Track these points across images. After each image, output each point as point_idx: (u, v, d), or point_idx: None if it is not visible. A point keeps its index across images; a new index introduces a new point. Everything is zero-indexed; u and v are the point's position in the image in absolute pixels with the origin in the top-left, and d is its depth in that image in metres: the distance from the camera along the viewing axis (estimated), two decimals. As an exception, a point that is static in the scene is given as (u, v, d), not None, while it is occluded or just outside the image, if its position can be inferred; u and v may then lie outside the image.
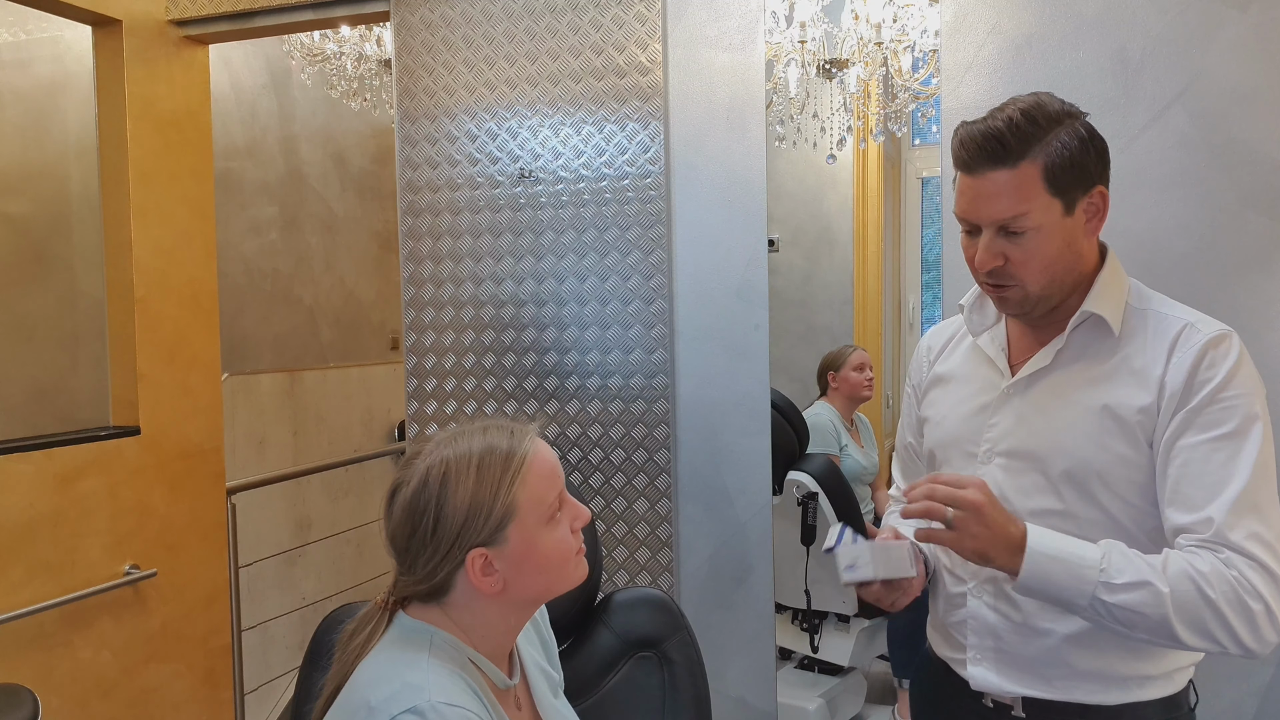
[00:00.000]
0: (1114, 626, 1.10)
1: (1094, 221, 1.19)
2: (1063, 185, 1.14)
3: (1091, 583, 1.08)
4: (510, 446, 1.04)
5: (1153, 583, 1.07)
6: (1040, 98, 1.17)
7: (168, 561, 2.46)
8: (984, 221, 1.17)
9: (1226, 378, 1.12)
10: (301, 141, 3.82)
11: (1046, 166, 1.13)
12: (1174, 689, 1.22)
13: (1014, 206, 1.14)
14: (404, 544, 1.04)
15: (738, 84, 2.03)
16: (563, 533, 1.06)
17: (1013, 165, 1.13)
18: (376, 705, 0.94)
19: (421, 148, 2.25)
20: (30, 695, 1.75)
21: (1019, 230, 1.15)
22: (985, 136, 1.14)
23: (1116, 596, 1.07)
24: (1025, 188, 1.14)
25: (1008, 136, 1.13)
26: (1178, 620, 1.06)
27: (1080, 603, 1.09)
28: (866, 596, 1.28)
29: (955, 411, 1.32)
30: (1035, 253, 1.16)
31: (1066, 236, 1.17)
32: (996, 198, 1.15)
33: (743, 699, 2.09)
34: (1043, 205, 1.14)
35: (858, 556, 1.24)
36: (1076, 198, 1.16)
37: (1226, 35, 1.70)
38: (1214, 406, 1.12)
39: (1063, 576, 1.09)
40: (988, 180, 1.15)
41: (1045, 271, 1.17)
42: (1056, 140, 1.13)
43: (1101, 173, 1.18)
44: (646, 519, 2.11)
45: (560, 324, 2.16)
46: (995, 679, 1.25)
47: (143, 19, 2.43)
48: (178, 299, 2.51)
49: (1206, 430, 1.12)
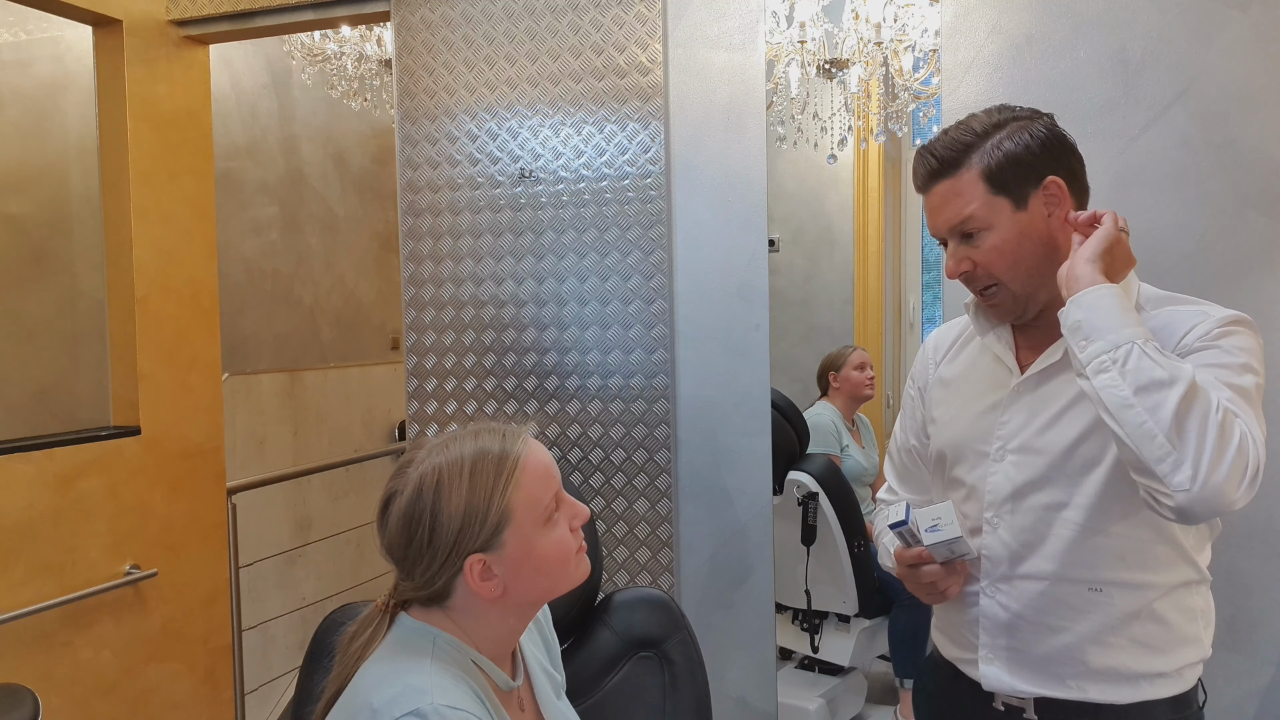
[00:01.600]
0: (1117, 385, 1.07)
1: (1057, 211, 1.22)
2: (1005, 183, 1.20)
3: (1142, 334, 1.08)
4: (502, 449, 1.03)
5: (1189, 367, 1.07)
6: (989, 110, 1.25)
7: (168, 561, 2.46)
8: (941, 231, 1.26)
9: (1234, 340, 1.15)
10: (302, 141, 3.82)
11: (984, 169, 1.20)
12: (1184, 687, 1.22)
13: (958, 211, 1.22)
14: (401, 554, 1.03)
15: (738, 84, 2.03)
16: (561, 533, 1.06)
17: (950, 175, 1.23)
18: (379, 707, 0.94)
19: (422, 148, 2.25)
20: (30, 695, 1.76)
21: (971, 232, 1.22)
22: (923, 157, 1.25)
23: (1156, 354, 1.07)
24: (965, 192, 1.21)
25: (941, 152, 1.23)
26: (1183, 399, 1.04)
27: (1114, 338, 1.08)
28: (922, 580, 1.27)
29: (965, 411, 1.33)
30: (994, 251, 1.21)
31: (1024, 230, 1.21)
32: (943, 207, 1.24)
33: (743, 699, 2.09)
34: (987, 205, 1.21)
35: (939, 515, 1.23)
36: (1027, 193, 1.21)
37: (1227, 35, 1.70)
38: (1215, 350, 1.14)
39: (1125, 314, 1.09)
40: (934, 194, 1.25)
41: (1014, 267, 1.22)
42: (993, 145, 1.21)
43: (1055, 166, 1.22)
44: (647, 519, 2.11)
45: (560, 324, 2.16)
46: (1007, 678, 1.25)
47: (143, 19, 2.43)
48: (178, 299, 2.51)
49: (1212, 360, 1.13)
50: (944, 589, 1.28)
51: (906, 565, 1.28)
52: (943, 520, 1.23)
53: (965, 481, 1.31)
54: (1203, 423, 1.04)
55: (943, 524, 1.22)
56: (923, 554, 1.26)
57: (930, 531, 1.23)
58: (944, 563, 1.26)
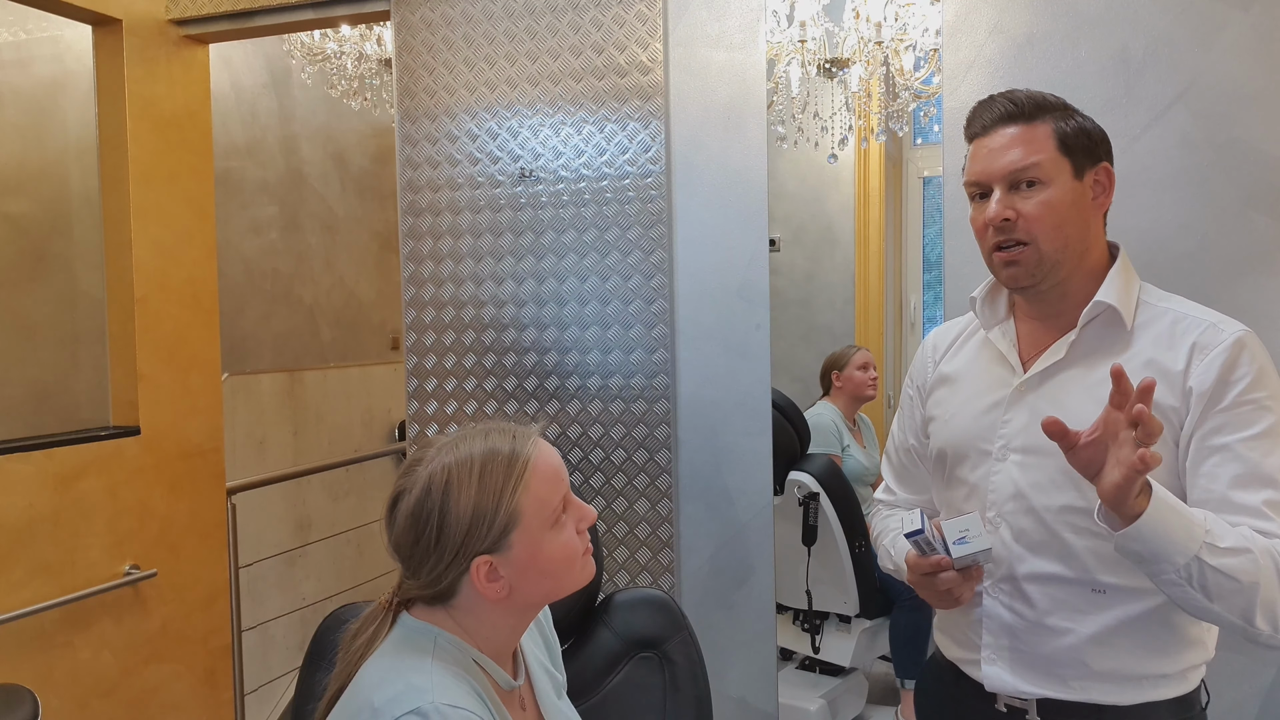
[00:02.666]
0: (1194, 596, 1.06)
1: (1101, 198, 1.23)
2: (1073, 149, 1.21)
3: (1198, 541, 1.05)
4: (512, 450, 1.03)
5: (1253, 551, 1.06)
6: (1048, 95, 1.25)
7: (168, 562, 2.46)
8: (996, 176, 1.21)
9: (1257, 378, 1.14)
10: (302, 141, 3.82)
11: (1057, 129, 1.21)
12: (1187, 689, 1.22)
13: (1027, 156, 1.20)
14: (408, 552, 1.03)
15: (739, 83, 2.03)
16: (568, 535, 1.05)
17: (1027, 122, 1.21)
18: (380, 706, 0.94)
19: (422, 147, 2.25)
20: (30, 695, 1.75)
21: (1031, 181, 1.20)
22: (1000, 101, 1.23)
23: (1219, 559, 1.05)
24: (1038, 141, 1.20)
25: (1023, 100, 1.22)
26: (1263, 597, 1.05)
27: (1179, 560, 1.05)
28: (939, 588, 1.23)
29: (966, 409, 1.31)
30: (1046, 206, 1.19)
31: (1075, 199, 1.21)
32: (1009, 149, 1.21)
33: (744, 699, 2.09)
34: (1053, 160, 1.20)
35: (968, 527, 1.20)
36: (1085, 166, 1.21)
37: (1228, 35, 1.69)
38: (1246, 406, 1.13)
39: (1178, 529, 1.05)
40: (1001, 134, 1.22)
41: (1057, 230, 1.20)
42: (1068, 114, 1.22)
43: (1107, 153, 1.24)
44: (647, 519, 2.11)
45: (561, 324, 2.16)
46: (1010, 679, 1.25)
47: (143, 18, 2.42)
48: (178, 299, 2.51)
49: (1241, 429, 1.12)
50: (959, 595, 1.25)
51: (921, 574, 1.24)
52: (971, 532, 1.20)
53: (967, 481, 1.30)
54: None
55: (971, 535, 1.19)
56: (941, 562, 1.21)
57: (959, 544, 1.20)
58: (961, 569, 1.24)
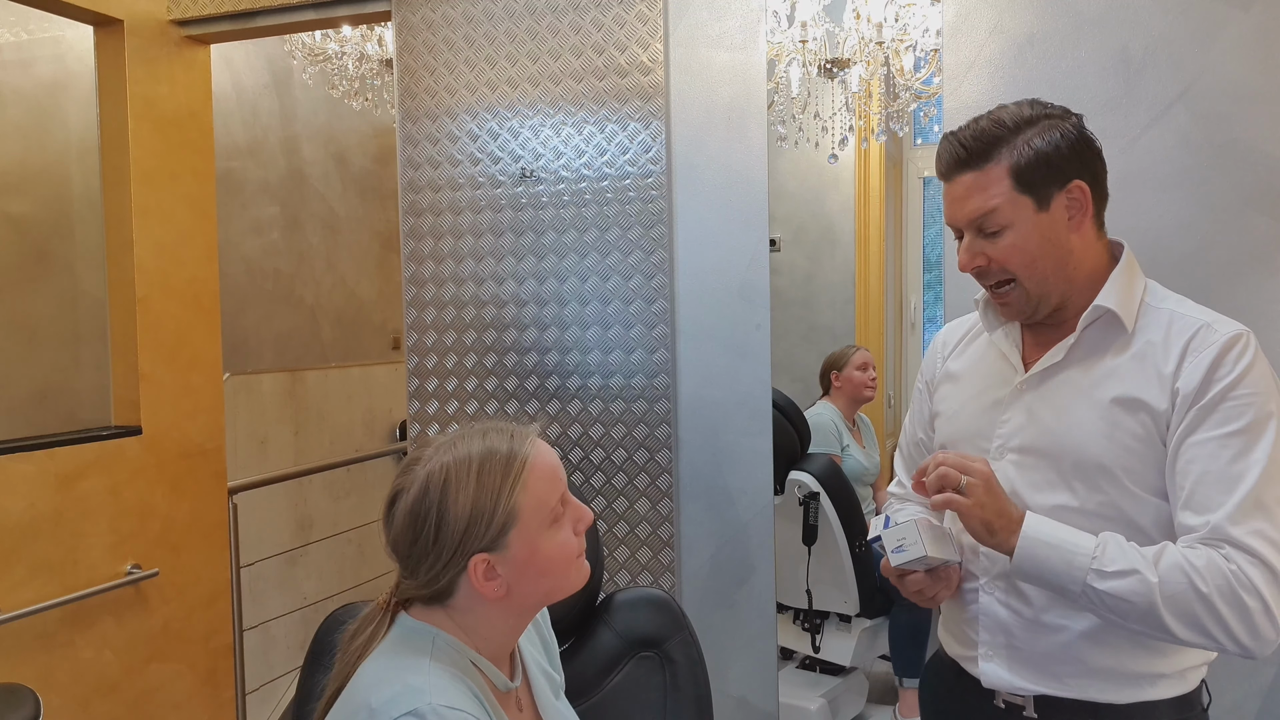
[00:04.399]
0: (1107, 616, 1.12)
1: (1078, 218, 1.21)
2: (1031, 182, 1.18)
3: (1083, 569, 1.10)
4: (510, 450, 1.03)
5: (1141, 571, 1.09)
6: (1021, 103, 1.22)
7: (169, 561, 2.46)
8: (960, 223, 1.23)
9: (1240, 375, 1.13)
10: (303, 141, 3.82)
11: (1012, 166, 1.18)
12: (1187, 688, 1.22)
13: (982, 204, 1.19)
14: (406, 551, 1.03)
15: (739, 83, 2.03)
16: (565, 535, 1.05)
17: (978, 167, 1.20)
18: (377, 707, 0.94)
19: (423, 147, 2.25)
20: (32, 695, 1.76)
21: (993, 228, 1.20)
22: (951, 142, 1.22)
23: (1106, 584, 1.09)
24: (991, 187, 1.19)
25: (972, 142, 1.20)
26: (1166, 611, 1.08)
27: (1073, 589, 1.12)
28: (909, 589, 1.28)
29: (967, 407, 1.33)
30: (1012, 249, 1.20)
31: (1045, 233, 1.20)
32: (965, 199, 1.21)
33: (744, 699, 2.09)
34: (1010, 202, 1.18)
35: (904, 536, 1.22)
36: (1050, 194, 1.19)
37: (1228, 35, 1.69)
38: (1226, 403, 1.12)
39: (1056, 562, 1.12)
40: (957, 184, 1.22)
41: (1030, 267, 1.20)
42: (1025, 142, 1.18)
43: (1081, 169, 1.20)
44: (648, 519, 2.11)
45: (561, 324, 2.16)
46: (1007, 676, 1.25)
47: (144, 19, 2.43)
48: (179, 299, 2.51)
49: (1217, 427, 1.12)
50: (932, 595, 1.28)
51: (894, 576, 1.29)
52: (907, 540, 1.22)
53: None
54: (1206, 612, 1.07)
55: (907, 544, 1.22)
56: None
57: (896, 552, 1.22)
58: (928, 571, 1.26)
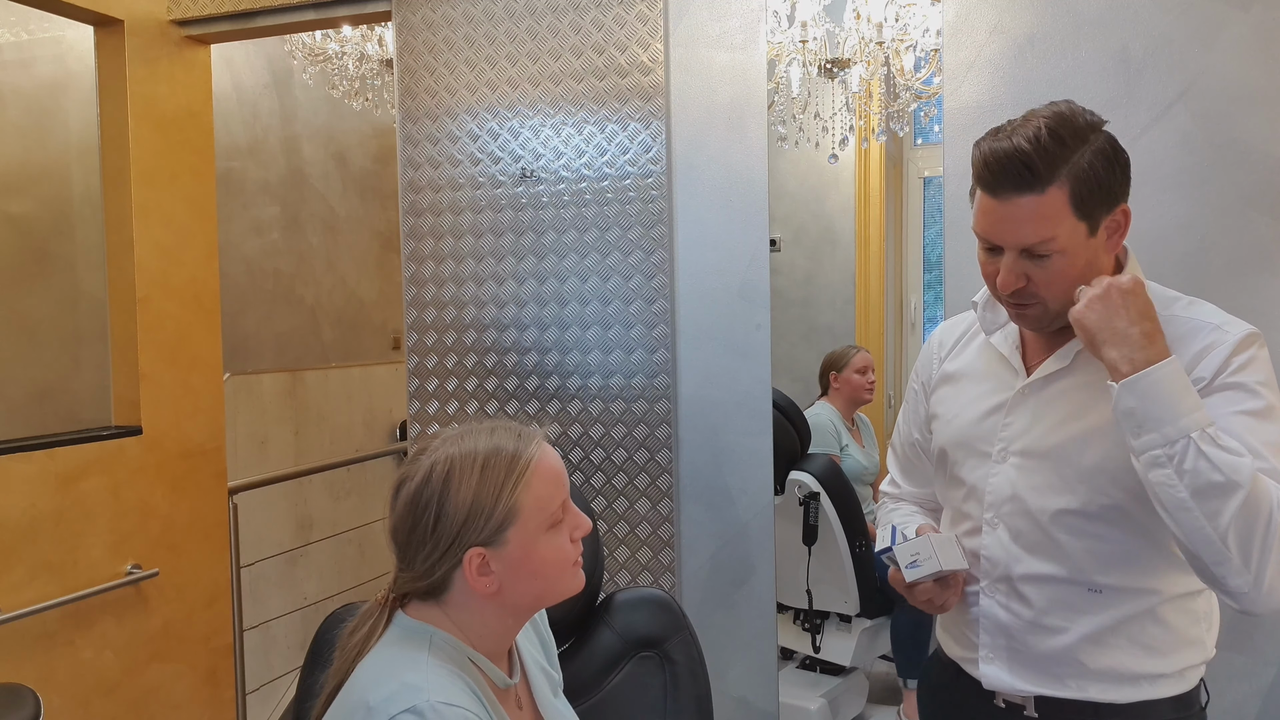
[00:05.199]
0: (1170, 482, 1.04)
1: (1115, 238, 1.17)
2: (1089, 208, 1.11)
3: (1200, 423, 1.04)
4: (516, 449, 1.04)
5: (1247, 459, 1.04)
6: (1065, 111, 1.12)
7: (169, 561, 2.46)
8: (1008, 244, 1.14)
9: (1253, 367, 1.12)
10: (303, 141, 3.82)
11: (1074, 191, 1.10)
12: (1185, 687, 1.22)
13: (1040, 232, 1.11)
14: (405, 538, 1.04)
15: (739, 84, 2.03)
16: (562, 540, 1.06)
17: (1040, 191, 1.09)
18: (375, 705, 0.94)
19: (423, 147, 2.25)
20: (32, 695, 1.76)
21: (1045, 254, 1.12)
22: (1011, 159, 1.09)
23: (1212, 449, 1.03)
24: (1053, 215, 1.10)
25: (1035, 161, 1.08)
26: (1242, 508, 1.02)
27: (1171, 432, 1.03)
28: (918, 598, 1.27)
29: (968, 410, 1.31)
30: (1059, 274, 1.13)
31: (1090, 257, 1.14)
32: (1023, 223, 1.11)
33: (744, 699, 2.09)
34: (1069, 229, 1.11)
35: (918, 551, 1.22)
36: (1101, 219, 1.14)
37: (1229, 35, 1.69)
38: (1237, 390, 1.11)
39: (1183, 399, 1.04)
40: (1014, 205, 1.11)
41: (1068, 292, 1.15)
42: (1083, 161, 1.10)
43: (1125, 189, 1.15)
44: (648, 519, 2.11)
45: (562, 324, 2.16)
46: (1007, 678, 1.25)
47: (145, 19, 2.43)
48: (179, 299, 2.51)
49: (1230, 406, 1.10)
50: (940, 603, 1.27)
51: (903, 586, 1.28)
52: (920, 555, 1.22)
53: (966, 481, 1.30)
54: (1265, 533, 1.03)
55: (921, 559, 1.22)
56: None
57: (911, 568, 1.22)
58: (937, 580, 1.26)
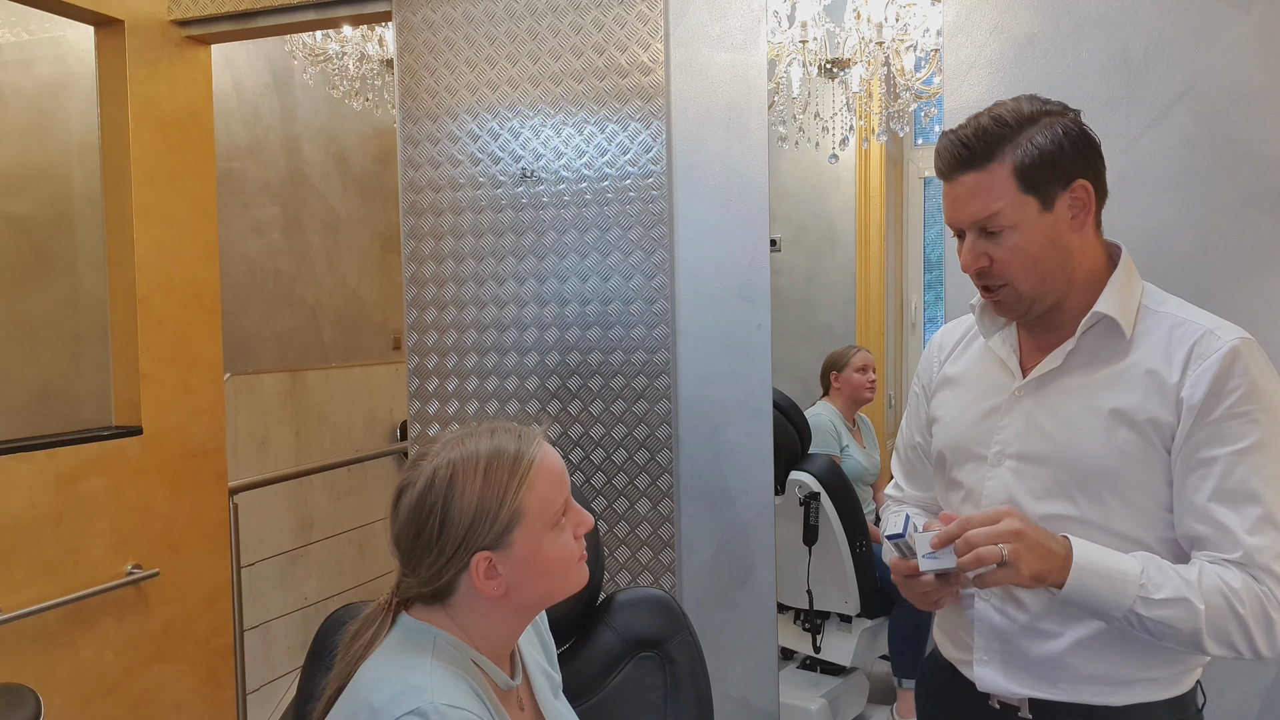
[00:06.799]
0: (1143, 636, 1.12)
1: (1080, 216, 1.19)
2: (1035, 182, 1.16)
3: (1131, 597, 1.10)
4: (518, 450, 1.04)
5: (1190, 599, 1.09)
6: (1019, 100, 1.19)
7: (170, 561, 2.46)
8: (962, 224, 1.20)
9: (1249, 391, 1.12)
10: (304, 141, 3.82)
11: (1016, 165, 1.15)
12: (1182, 690, 1.22)
13: (985, 206, 1.17)
14: (409, 545, 1.04)
15: (740, 84, 2.03)
16: (566, 538, 1.06)
17: (980, 167, 1.17)
18: (379, 706, 0.94)
19: (423, 147, 2.25)
20: (32, 695, 1.76)
21: (996, 229, 1.17)
22: (954, 143, 1.18)
23: (1154, 611, 1.09)
24: (995, 188, 1.16)
25: (974, 141, 1.16)
26: (1208, 634, 1.09)
27: (1115, 614, 1.11)
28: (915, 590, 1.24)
29: (965, 413, 1.31)
30: (1016, 251, 1.17)
31: (1048, 234, 1.17)
32: (968, 199, 1.18)
33: (745, 699, 2.09)
34: (1015, 203, 1.16)
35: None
36: (1055, 193, 1.17)
37: (1229, 35, 1.69)
38: (1236, 420, 1.11)
39: (1105, 590, 1.11)
40: (959, 184, 1.19)
41: (1031, 269, 1.18)
42: (1028, 140, 1.15)
43: (1084, 167, 1.18)
44: (648, 519, 2.11)
45: (562, 324, 2.16)
46: (1002, 680, 1.25)
47: (145, 19, 2.43)
48: (180, 299, 2.51)
49: (1229, 443, 1.11)
50: (937, 599, 1.26)
51: (903, 575, 1.25)
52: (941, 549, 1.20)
53: (964, 484, 1.30)
54: (1240, 627, 1.09)
55: (941, 551, 1.20)
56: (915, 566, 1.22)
57: (927, 558, 1.20)
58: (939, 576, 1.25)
